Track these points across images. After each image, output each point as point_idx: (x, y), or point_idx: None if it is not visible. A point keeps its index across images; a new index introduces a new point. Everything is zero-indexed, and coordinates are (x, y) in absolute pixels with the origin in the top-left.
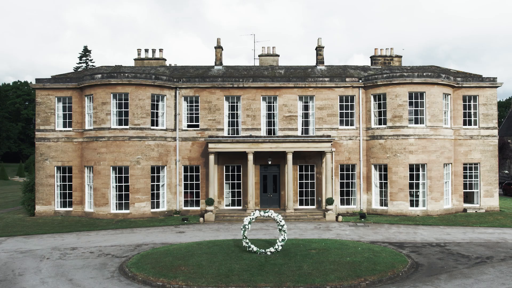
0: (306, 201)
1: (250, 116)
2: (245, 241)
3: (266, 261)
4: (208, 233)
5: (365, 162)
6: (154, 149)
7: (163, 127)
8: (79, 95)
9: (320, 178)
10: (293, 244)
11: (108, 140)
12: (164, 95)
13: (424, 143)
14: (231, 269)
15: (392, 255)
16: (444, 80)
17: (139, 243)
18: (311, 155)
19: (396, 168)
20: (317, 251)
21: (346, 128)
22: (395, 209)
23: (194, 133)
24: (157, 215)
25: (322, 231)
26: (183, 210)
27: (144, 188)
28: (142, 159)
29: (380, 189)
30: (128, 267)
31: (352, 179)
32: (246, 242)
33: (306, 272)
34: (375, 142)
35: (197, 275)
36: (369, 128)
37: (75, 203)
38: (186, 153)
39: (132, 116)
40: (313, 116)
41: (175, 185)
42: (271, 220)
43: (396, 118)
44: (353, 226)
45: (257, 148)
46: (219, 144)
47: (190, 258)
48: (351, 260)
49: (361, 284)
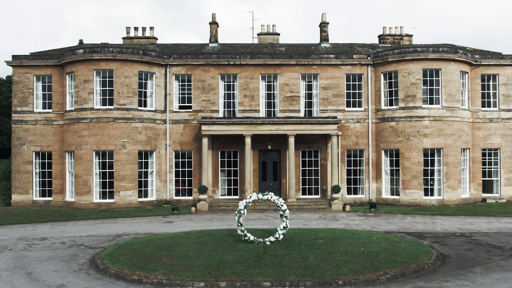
0: (310, 190)
1: (248, 97)
2: (240, 229)
3: (264, 252)
4: (200, 223)
5: (374, 147)
6: (141, 132)
7: (151, 108)
8: (60, 74)
9: (325, 164)
10: (296, 234)
11: (91, 121)
12: (153, 73)
13: (440, 125)
14: (222, 260)
15: (413, 245)
16: (461, 57)
17: (119, 233)
18: (315, 139)
19: (409, 153)
20: (324, 241)
21: (354, 110)
22: (408, 198)
23: (186, 115)
24: (145, 205)
25: (329, 221)
26: (174, 200)
27: (131, 175)
28: (128, 143)
29: (391, 177)
30: (101, 258)
31: (360, 166)
32: (242, 230)
33: (313, 264)
34: (386, 124)
35: (181, 267)
36: (378, 109)
37: (55, 192)
38: (178, 137)
39: (117, 96)
40: (317, 96)
41: (165, 172)
42: (270, 210)
43: (409, 98)
44: (362, 216)
45: (256, 131)
46: (213, 126)
47: (175, 248)
48: (365, 250)
49: (381, 278)
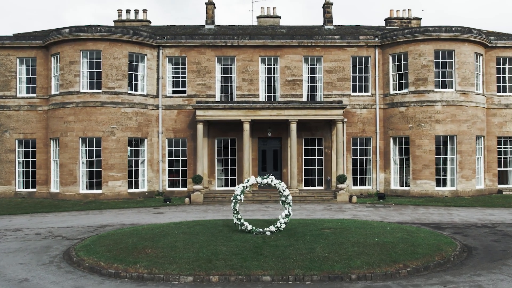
0: (313, 181)
1: (247, 80)
2: (236, 217)
3: (264, 243)
4: (193, 214)
5: (382, 135)
6: (132, 117)
7: (143, 93)
8: (45, 56)
9: (329, 153)
10: (299, 224)
11: (77, 106)
12: (145, 54)
13: (453, 110)
14: (215, 252)
15: (434, 236)
16: (476, 37)
17: (103, 224)
18: (318, 126)
19: (420, 141)
20: (332, 231)
21: (360, 95)
22: (419, 189)
23: (180, 100)
24: (135, 196)
25: (334, 212)
26: (167, 191)
27: (120, 164)
28: (118, 130)
29: (400, 167)
30: (76, 250)
31: (367, 155)
32: (238, 218)
33: (321, 256)
34: (395, 110)
35: (167, 259)
36: (387, 94)
37: (40, 182)
38: (171, 123)
39: (106, 78)
40: (320, 80)
41: (157, 162)
42: (271, 201)
43: (419, 81)
44: (371, 207)
45: (255, 116)
46: (209, 111)
47: (161, 239)
48: (380, 241)
49: (401, 271)
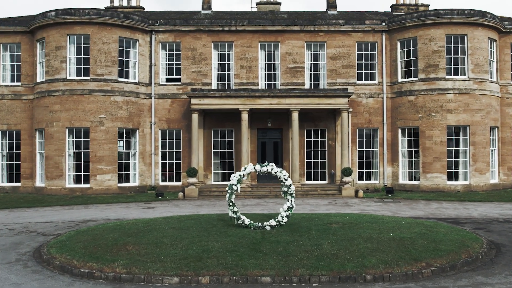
0: (316, 175)
1: (245, 68)
2: (232, 210)
3: (263, 238)
4: (186, 208)
5: (390, 126)
6: (122, 107)
7: (134, 80)
8: (30, 41)
9: (333, 145)
10: (303, 218)
11: (63, 94)
12: (136, 40)
13: (466, 99)
14: (207, 249)
15: (455, 231)
16: (490, 21)
17: (86, 219)
18: (321, 116)
19: (430, 132)
20: (341, 226)
21: (366, 83)
22: (429, 183)
23: (174, 89)
24: (126, 191)
25: (340, 206)
26: (160, 186)
27: (109, 156)
28: (107, 119)
29: (409, 159)
30: (49, 247)
31: (373, 147)
32: (234, 211)
33: (329, 254)
34: (403, 99)
35: (150, 257)
36: (395, 82)
37: (24, 176)
38: (164, 113)
39: (94, 64)
40: (324, 68)
41: (149, 154)
42: (271, 196)
43: (430, 68)
44: (379, 202)
45: (254, 105)
46: (204, 99)
47: (146, 234)
48: (396, 236)
49: (424, 271)
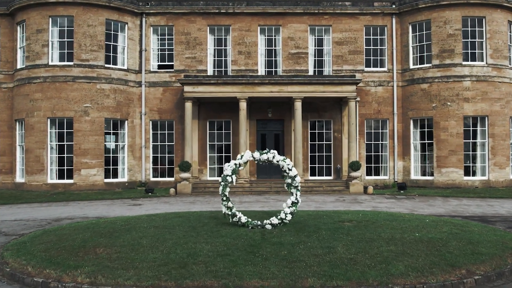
0: (320, 170)
1: (243, 54)
2: (226, 205)
3: (263, 239)
4: (177, 205)
5: (401, 116)
6: (109, 95)
7: (123, 67)
8: (10, 25)
9: (339, 138)
10: (310, 216)
11: (45, 81)
12: (125, 23)
13: (484, 87)
14: (193, 252)
15: (491, 231)
16: (510, 2)
17: (61, 217)
18: (326, 106)
19: (445, 122)
20: (355, 224)
21: (375, 70)
22: (444, 179)
23: (166, 76)
24: (113, 187)
25: (349, 203)
26: (151, 182)
27: (95, 149)
28: (92, 109)
29: (421, 153)
30: (4, 250)
31: (383, 140)
32: (228, 207)
33: (345, 258)
34: (415, 87)
35: (123, 262)
36: (406, 69)
37: (3, 171)
38: (156, 103)
39: (79, 49)
40: (329, 54)
41: (139, 147)
42: (272, 192)
43: (445, 53)
44: (392, 199)
45: (253, 93)
46: (199, 87)
47: (123, 234)
48: (423, 236)
49: (466, 281)
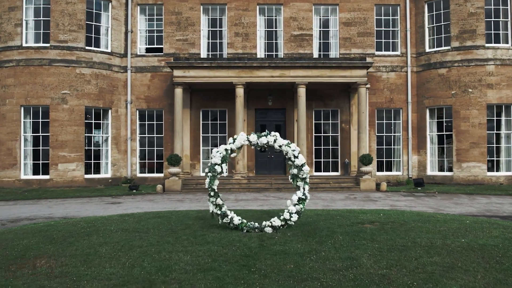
0: (326, 165)
1: (241, 35)
2: (214, 203)
3: (262, 247)
4: (162, 204)
5: (416, 105)
6: (90, 81)
7: (106, 50)
8: None
9: (347, 129)
10: (320, 216)
11: (18, 65)
12: (109, 1)
13: (510, 72)
14: (166, 266)
15: None
16: None
17: (20, 217)
18: (333, 94)
19: (466, 112)
20: (378, 227)
21: (387, 54)
22: (465, 174)
23: (155, 61)
24: (95, 184)
25: (362, 201)
26: (137, 178)
27: (74, 141)
28: (71, 96)
29: (439, 146)
30: None
31: (395, 132)
32: (217, 204)
33: (375, 275)
34: (432, 73)
35: (65, 281)
36: (421, 53)
37: None
38: (143, 90)
39: (56, 29)
40: (336, 36)
41: (125, 140)
42: (272, 189)
43: (466, 34)
44: (409, 196)
45: (251, 77)
46: (190, 71)
47: (80, 239)
48: (473, 243)
49: None
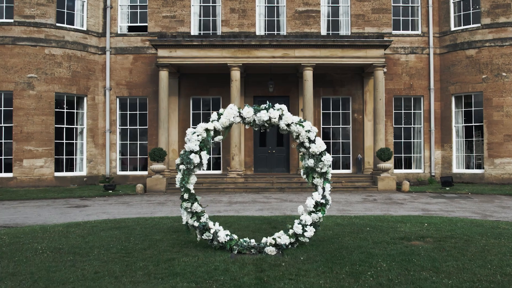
0: (336, 161)
1: (237, 12)
2: (189, 209)
3: (260, 286)
4: (138, 208)
5: (439, 92)
6: (62, 63)
7: (81, 28)
8: None
9: (360, 120)
10: (340, 226)
11: None
12: None
13: None
14: None
15: None
16: None
17: None
18: (344, 79)
19: (499, 99)
20: (435, 245)
21: (405, 34)
22: (498, 172)
23: (138, 41)
24: (67, 183)
25: (385, 204)
26: (117, 176)
27: (42, 133)
28: (39, 81)
29: (466, 139)
30: None
31: (415, 123)
32: (194, 213)
33: None
34: (458, 55)
35: None
36: (446, 32)
37: None
38: (124, 75)
39: (21, 2)
40: (347, 13)
41: (103, 132)
42: (274, 190)
43: (498, 9)
44: (440, 198)
45: (249, 58)
46: (177, 51)
47: None
48: None
49: None
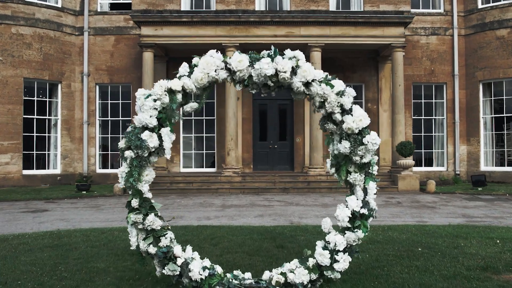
0: None
1: None
2: (139, 224)
3: None
4: (109, 213)
5: (464, 79)
6: (32, 44)
7: (55, 4)
8: None
9: (374, 111)
10: (379, 245)
11: None
12: None
13: None
14: None
15: None
16: None
17: None
18: (356, 63)
19: None
20: None
21: (426, 13)
22: None
23: (120, 20)
24: (37, 182)
25: (414, 209)
26: (96, 174)
27: (8, 125)
28: (4, 64)
29: (496, 133)
30: None
31: (437, 115)
32: (147, 229)
33: None
34: (487, 36)
35: None
36: (472, 10)
37: None
38: (105, 59)
39: None
40: None
41: (80, 124)
42: (276, 190)
43: None
44: (475, 200)
45: (247, 38)
46: (164, 29)
47: None
48: None
49: None
